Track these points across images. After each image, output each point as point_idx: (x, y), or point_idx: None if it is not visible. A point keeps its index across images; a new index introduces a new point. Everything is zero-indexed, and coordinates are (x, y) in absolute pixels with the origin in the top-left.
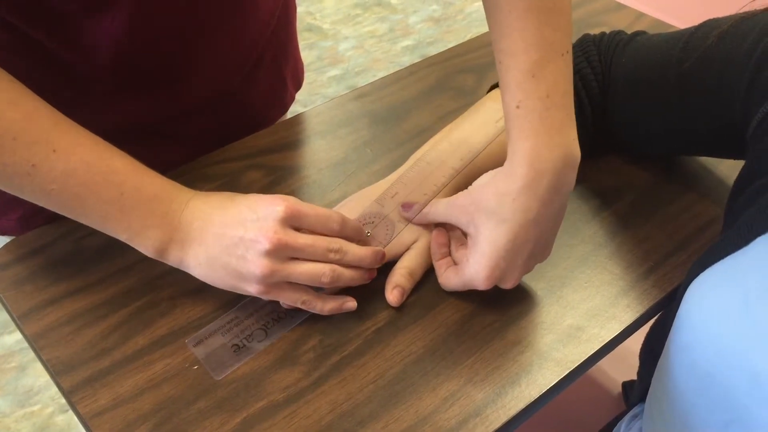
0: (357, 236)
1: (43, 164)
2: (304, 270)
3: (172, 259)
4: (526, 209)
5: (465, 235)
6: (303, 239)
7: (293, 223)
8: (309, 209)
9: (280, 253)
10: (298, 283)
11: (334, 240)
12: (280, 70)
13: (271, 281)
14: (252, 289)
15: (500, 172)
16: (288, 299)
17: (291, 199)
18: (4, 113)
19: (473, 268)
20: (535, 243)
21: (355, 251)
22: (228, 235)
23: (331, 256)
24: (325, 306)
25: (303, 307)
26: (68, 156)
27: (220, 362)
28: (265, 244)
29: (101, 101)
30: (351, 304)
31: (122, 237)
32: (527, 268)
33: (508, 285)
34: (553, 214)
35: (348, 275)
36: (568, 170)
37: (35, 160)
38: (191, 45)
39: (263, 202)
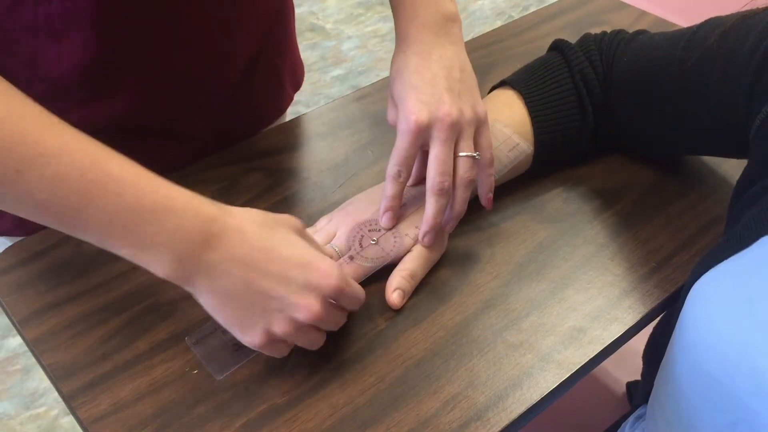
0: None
1: (29, 170)
2: (312, 339)
3: (180, 278)
4: (416, 52)
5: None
6: (332, 316)
7: (333, 298)
8: (353, 290)
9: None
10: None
11: (344, 315)
12: (278, 70)
13: (276, 339)
14: (256, 339)
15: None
16: (273, 353)
17: (342, 276)
18: None
19: (403, 114)
20: (446, 76)
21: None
22: (267, 287)
23: (332, 327)
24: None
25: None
26: (59, 160)
27: (220, 361)
28: (304, 315)
29: (79, 101)
30: None
31: (123, 253)
32: (456, 98)
33: (443, 111)
34: (450, 54)
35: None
36: (447, 22)
37: (20, 166)
38: (168, 51)
39: (317, 273)
